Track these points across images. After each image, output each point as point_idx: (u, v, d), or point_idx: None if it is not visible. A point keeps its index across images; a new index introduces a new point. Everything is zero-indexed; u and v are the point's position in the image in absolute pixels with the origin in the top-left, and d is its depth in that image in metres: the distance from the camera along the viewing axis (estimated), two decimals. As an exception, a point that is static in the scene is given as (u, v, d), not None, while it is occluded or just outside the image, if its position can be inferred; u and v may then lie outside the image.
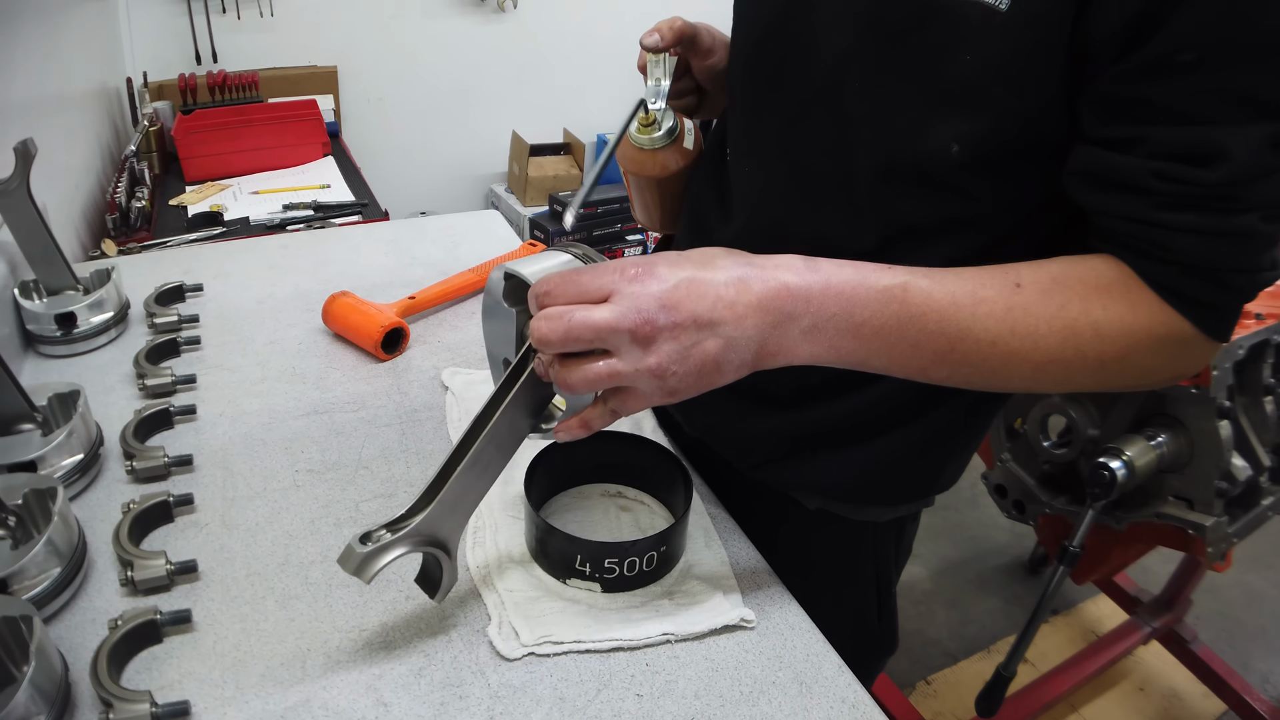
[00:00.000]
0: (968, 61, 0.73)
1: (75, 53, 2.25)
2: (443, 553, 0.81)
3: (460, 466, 0.79)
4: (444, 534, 0.81)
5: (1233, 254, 0.71)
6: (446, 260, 1.59)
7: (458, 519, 0.82)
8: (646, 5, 3.74)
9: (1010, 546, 3.05)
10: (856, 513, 1.08)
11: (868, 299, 0.74)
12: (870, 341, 0.75)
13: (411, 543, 0.78)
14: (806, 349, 0.75)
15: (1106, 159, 0.72)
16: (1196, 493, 1.55)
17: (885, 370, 0.78)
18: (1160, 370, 0.78)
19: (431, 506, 0.79)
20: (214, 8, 3.14)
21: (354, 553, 0.75)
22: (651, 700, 0.81)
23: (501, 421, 0.79)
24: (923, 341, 0.75)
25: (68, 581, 0.86)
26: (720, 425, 1.09)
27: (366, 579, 0.75)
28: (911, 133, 0.79)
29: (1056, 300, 0.74)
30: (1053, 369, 0.75)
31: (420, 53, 3.70)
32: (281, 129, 2.71)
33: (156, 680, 0.80)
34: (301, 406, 1.17)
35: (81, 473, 1.01)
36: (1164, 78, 0.67)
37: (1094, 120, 0.73)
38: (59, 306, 1.25)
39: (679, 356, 0.71)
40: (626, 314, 0.70)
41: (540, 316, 0.73)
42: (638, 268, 0.72)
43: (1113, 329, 0.73)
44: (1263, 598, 2.92)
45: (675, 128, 1.04)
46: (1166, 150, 0.69)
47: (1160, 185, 0.69)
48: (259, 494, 1.02)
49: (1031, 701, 2.28)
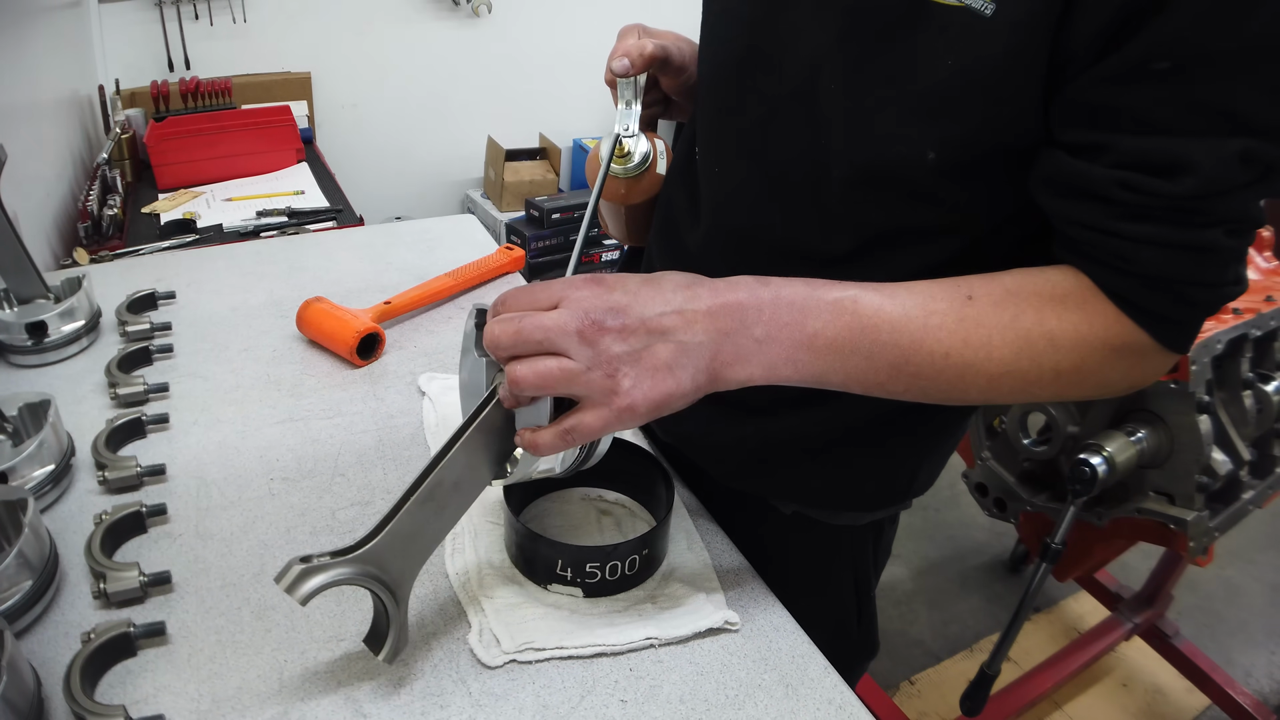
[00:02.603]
0: (949, 66, 0.72)
1: (47, 61, 2.23)
2: (389, 598, 0.77)
3: (414, 499, 0.76)
4: (393, 572, 0.77)
5: (1195, 268, 0.71)
6: (422, 265, 1.57)
7: (410, 560, 0.79)
8: (621, 9, 3.75)
9: (990, 545, 3.06)
10: (833, 517, 1.07)
11: (819, 309, 0.74)
12: (824, 354, 0.75)
13: (353, 570, 0.75)
14: (761, 360, 0.74)
15: (1070, 165, 0.71)
16: (1177, 488, 1.56)
17: (844, 386, 0.78)
18: (1118, 382, 0.78)
19: (380, 536, 0.76)
20: (186, 14, 3.12)
21: (290, 570, 0.73)
22: (636, 706, 0.80)
23: (459, 456, 0.77)
24: (876, 353, 0.75)
25: (39, 595, 0.84)
26: (693, 433, 1.08)
27: (298, 598, 0.72)
28: (888, 138, 0.78)
29: (1009, 311, 0.74)
30: (1008, 380, 0.75)
31: (395, 58, 3.69)
32: (255, 135, 2.69)
33: (131, 694, 0.78)
34: (276, 414, 1.16)
35: (53, 484, 0.99)
36: (1136, 85, 0.66)
37: (1062, 124, 0.72)
38: (29, 315, 1.23)
39: (630, 358, 0.71)
40: (574, 315, 0.71)
41: (494, 320, 0.73)
42: (587, 279, 0.74)
43: (1067, 339, 0.73)
44: (1244, 592, 2.94)
45: (649, 154, 1.03)
46: (1131, 160, 0.68)
47: (1123, 195, 0.69)
48: (233, 503, 1.01)
49: (1015, 699, 2.28)
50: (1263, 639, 2.77)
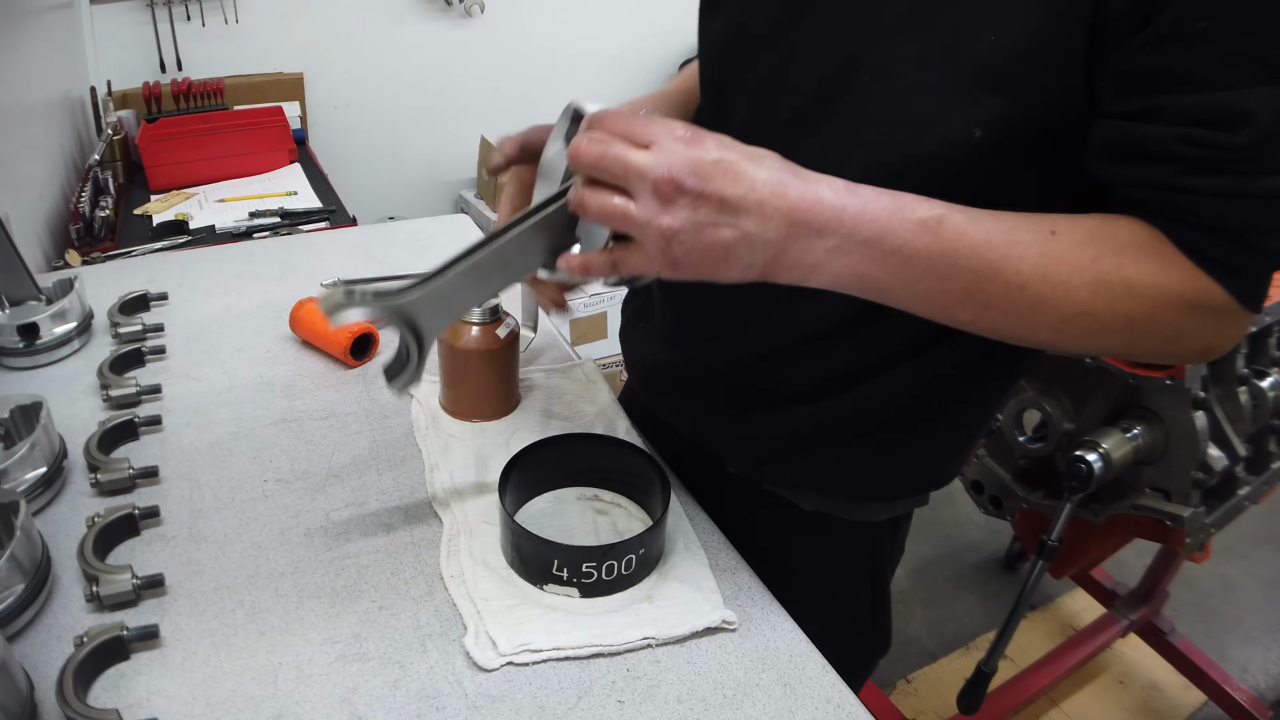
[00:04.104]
0: (993, 42, 0.72)
1: (38, 62, 2.22)
2: (414, 342, 0.80)
3: (462, 266, 0.79)
4: (423, 323, 0.80)
5: (1261, 216, 0.70)
6: (415, 265, 1.56)
7: (440, 316, 0.81)
8: (613, 9, 3.75)
9: (986, 543, 3.06)
10: (854, 511, 1.07)
11: (901, 228, 0.72)
12: (898, 271, 0.73)
13: (388, 313, 0.78)
14: (829, 271, 0.73)
15: (1131, 130, 0.71)
16: (1173, 484, 1.56)
17: (907, 305, 0.76)
18: (1189, 338, 0.76)
19: (421, 291, 0.78)
20: (178, 15, 3.11)
21: (334, 293, 0.75)
22: (633, 706, 0.80)
23: (518, 239, 0.79)
24: (951, 277, 0.73)
25: (32, 598, 0.84)
26: (720, 424, 1.08)
27: (333, 318, 0.76)
28: (926, 122, 0.78)
29: (1091, 252, 0.72)
30: (1080, 323, 0.73)
31: (387, 58, 3.68)
32: (247, 136, 2.68)
33: (124, 698, 0.78)
34: (269, 415, 1.15)
35: (45, 486, 0.99)
36: (1180, 46, 0.67)
37: (1115, 94, 0.72)
38: (21, 317, 1.22)
39: (692, 229, 0.70)
40: (658, 164, 0.69)
41: (584, 135, 0.73)
42: (689, 131, 0.72)
43: (1144, 287, 0.72)
44: (1239, 588, 2.94)
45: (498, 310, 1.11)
46: (1190, 116, 0.68)
47: (1186, 150, 0.68)
48: (227, 505, 1.00)
49: (1012, 697, 2.28)
50: (1259, 635, 2.77)
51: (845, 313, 0.90)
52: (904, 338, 0.91)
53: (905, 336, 0.91)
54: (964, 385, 0.96)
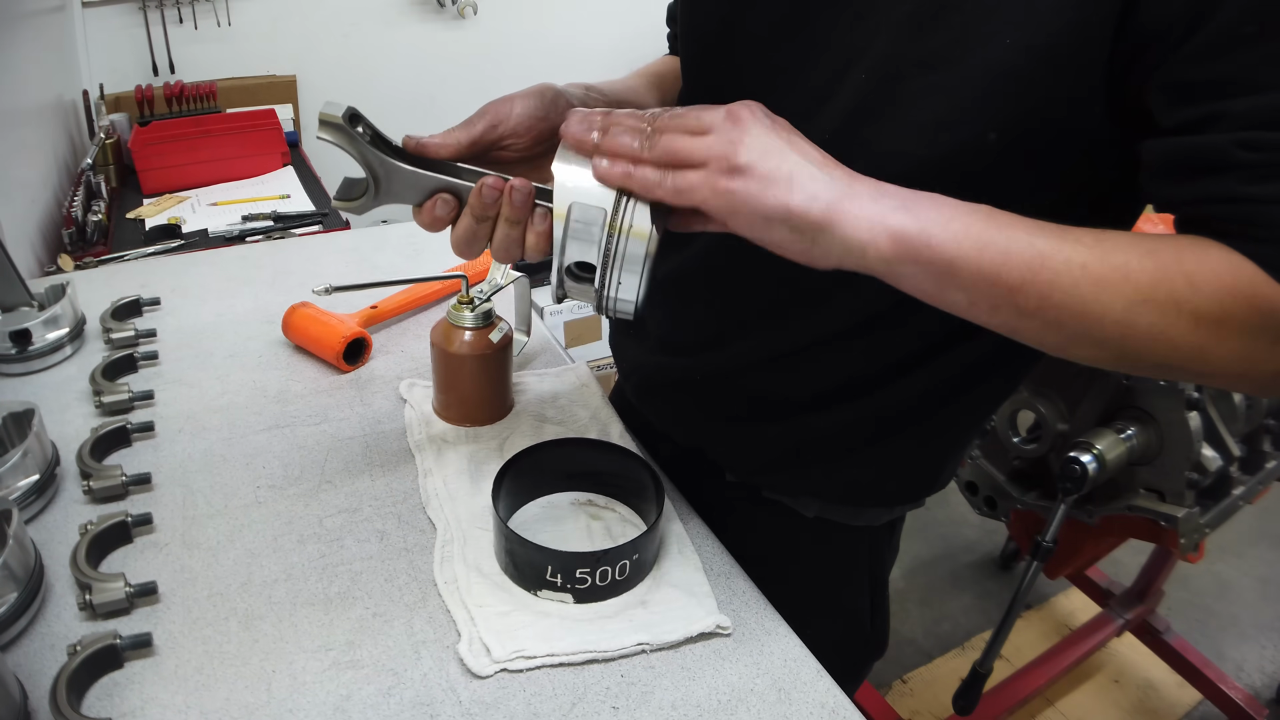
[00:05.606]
0: (1008, 44, 0.71)
1: (30, 66, 2.22)
2: (374, 190, 0.83)
3: (452, 181, 0.83)
4: (393, 187, 0.83)
5: None
6: (409, 269, 1.57)
7: (407, 196, 0.84)
8: (605, 9, 3.75)
9: (980, 543, 3.06)
10: (854, 517, 1.07)
11: (956, 207, 0.70)
12: (962, 239, 0.69)
13: (372, 162, 0.82)
14: (889, 223, 0.70)
15: (1186, 143, 0.69)
16: (1167, 484, 1.56)
17: (968, 289, 0.71)
18: (1265, 353, 0.69)
19: (411, 169, 0.82)
20: (171, 18, 3.10)
21: (339, 112, 0.80)
22: (628, 712, 0.80)
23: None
24: (1012, 249, 0.69)
25: (25, 607, 0.84)
26: (719, 432, 1.08)
27: (324, 125, 0.81)
28: (937, 126, 0.76)
29: (1145, 243, 0.69)
30: (1145, 311, 0.68)
31: (380, 60, 3.67)
32: (240, 139, 2.67)
33: (118, 707, 0.78)
34: (262, 421, 1.15)
35: (37, 494, 0.98)
36: (1229, 53, 0.65)
37: (1167, 107, 0.70)
38: (13, 323, 1.22)
39: (760, 153, 0.71)
40: None
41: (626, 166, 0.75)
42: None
43: (1207, 282, 0.67)
44: (1234, 587, 2.95)
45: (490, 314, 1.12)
46: (1247, 120, 0.66)
47: (1246, 156, 0.66)
48: (220, 512, 1.00)
49: (1008, 697, 2.29)
50: (1254, 633, 2.78)
51: (851, 320, 0.89)
52: (910, 346, 0.91)
53: (911, 344, 0.91)
54: (967, 391, 0.96)
